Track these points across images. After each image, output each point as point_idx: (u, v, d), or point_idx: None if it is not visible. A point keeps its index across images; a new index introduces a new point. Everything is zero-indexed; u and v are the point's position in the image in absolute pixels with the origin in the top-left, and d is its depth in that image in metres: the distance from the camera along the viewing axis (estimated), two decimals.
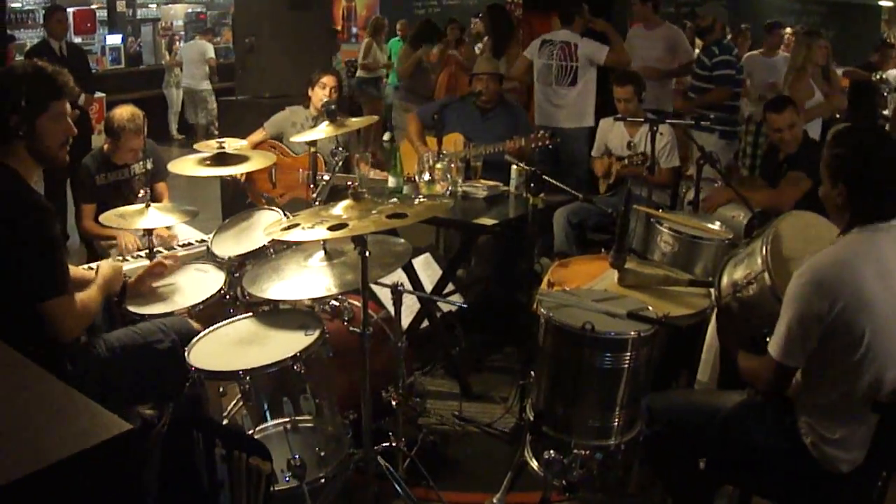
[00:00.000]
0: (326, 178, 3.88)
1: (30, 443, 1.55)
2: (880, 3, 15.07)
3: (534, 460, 3.13)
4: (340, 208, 2.89)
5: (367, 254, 2.82)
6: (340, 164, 3.88)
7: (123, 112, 4.71)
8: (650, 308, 2.98)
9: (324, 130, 3.89)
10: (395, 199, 3.17)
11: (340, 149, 3.97)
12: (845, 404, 2.53)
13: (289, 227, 2.87)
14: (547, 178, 3.72)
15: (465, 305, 3.61)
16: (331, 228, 2.73)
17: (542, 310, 2.90)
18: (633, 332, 2.77)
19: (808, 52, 6.70)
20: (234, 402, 3.48)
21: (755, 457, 2.71)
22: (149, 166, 4.82)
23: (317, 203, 3.70)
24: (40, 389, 1.81)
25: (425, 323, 4.66)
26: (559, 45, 6.47)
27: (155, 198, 4.87)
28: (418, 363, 4.64)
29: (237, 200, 5.73)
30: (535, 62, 6.63)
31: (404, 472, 3.43)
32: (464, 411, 4.23)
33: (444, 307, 4.69)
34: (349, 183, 3.24)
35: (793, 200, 4.63)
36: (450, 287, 4.87)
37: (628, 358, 2.79)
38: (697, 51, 7.66)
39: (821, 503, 2.69)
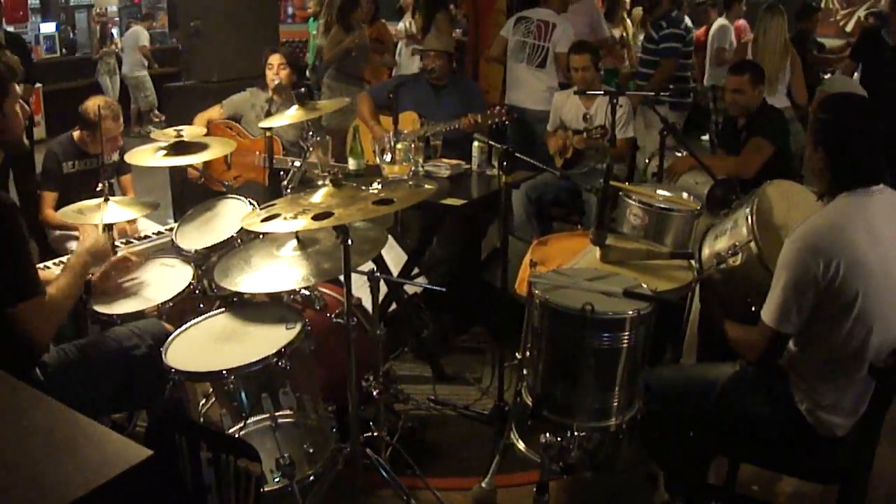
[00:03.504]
0: (297, 163, 3.73)
1: (41, 480, 1.42)
2: None
3: (520, 442, 3.10)
4: (321, 196, 2.76)
5: (350, 242, 2.72)
6: (310, 149, 3.74)
7: (97, 101, 4.57)
8: (644, 285, 2.94)
9: (290, 116, 3.68)
10: (354, 184, 3.02)
11: (311, 133, 3.82)
12: (834, 368, 2.56)
13: (269, 218, 2.73)
14: (521, 156, 3.63)
15: (443, 290, 3.51)
16: (315, 218, 2.61)
17: (537, 292, 2.83)
18: (631, 311, 2.73)
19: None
20: (204, 399, 3.37)
21: (753, 427, 2.72)
22: (115, 158, 4.75)
23: (288, 190, 3.58)
24: (40, 415, 1.65)
25: (392, 306, 4.57)
26: (535, 23, 6.37)
27: (122, 190, 4.75)
28: (388, 347, 4.56)
29: (187, 187, 5.57)
30: (510, 39, 6.50)
31: (387, 460, 3.36)
32: (438, 394, 4.16)
33: (410, 290, 4.61)
34: (318, 171, 3.12)
35: (756, 167, 4.64)
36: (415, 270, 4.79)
37: (627, 337, 2.75)
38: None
39: (818, 468, 2.71)
